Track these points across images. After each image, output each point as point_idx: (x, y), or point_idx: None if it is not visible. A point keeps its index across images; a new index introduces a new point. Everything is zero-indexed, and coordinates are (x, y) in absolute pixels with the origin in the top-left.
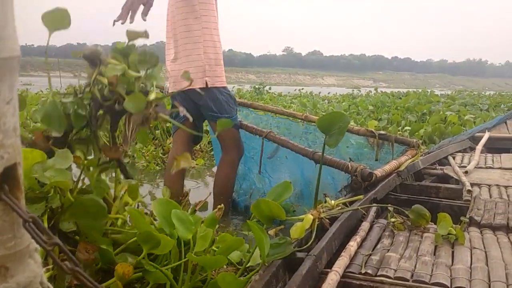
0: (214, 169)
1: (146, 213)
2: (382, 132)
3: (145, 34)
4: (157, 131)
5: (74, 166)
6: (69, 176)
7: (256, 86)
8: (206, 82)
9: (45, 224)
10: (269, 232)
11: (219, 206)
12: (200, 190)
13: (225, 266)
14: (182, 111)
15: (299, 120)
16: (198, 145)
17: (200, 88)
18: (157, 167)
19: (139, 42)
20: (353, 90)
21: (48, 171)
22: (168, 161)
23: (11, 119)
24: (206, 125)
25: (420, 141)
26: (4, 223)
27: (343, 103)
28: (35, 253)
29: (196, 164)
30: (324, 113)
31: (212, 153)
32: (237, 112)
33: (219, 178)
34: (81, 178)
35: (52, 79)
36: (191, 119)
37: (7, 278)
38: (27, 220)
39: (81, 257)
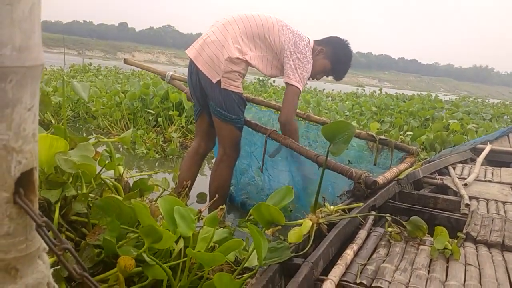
0: (214, 160)
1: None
2: (382, 137)
3: None
4: (159, 118)
5: None
6: (94, 163)
7: (260, 78)
8: (220, 81)
9: (57, 211)
10: (266, 232)
11: (221, 207)
12: (199, 181)
13: None
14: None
15: (301, 118)
16: None
17: (212, 81)
18: (157, 155)
19: (145, 25)
20: (357, 89)
21: (74, 157)
22: (191, 147)
23: (31, 125)
24: None
25: (420, 149)
26: (18, 226)
27: (347, 102)
28: (43, 254)
29: None
30: (327, 111)
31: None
32: (243, 115)
33: (215, 178)
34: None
35: (57, 56)
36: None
37: (16, 279)
38: (40, 224)
39: (91, 240)
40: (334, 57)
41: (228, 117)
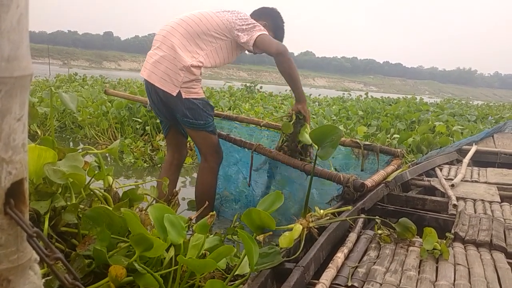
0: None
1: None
2: (367, 142)
3: None
4: (147, 127)
5: None
6: (84, 173)
7: (247, 85)
8: (180, 92)
9: (46, 223)
10: (257, 237)
11: (211, 213)
12: (188, 189)
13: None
14: (148, 104)
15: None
16: (188, 143)
17: (172, 95)
18: (145, 164)
19: (130, 34)
20: (343, 94)
21: (63, 167)
22: (165, 161)
23: (20, 136)
24: None
25: (407, 151)
26: (9, 237)
27: (334, 107)
28: (35, 265)
29: (185, 163)
30: (314, 116)
31: None
32: (213, 119)
33: (199, 186)
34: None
35: (41, 66)
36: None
37: None
38: (31, 235)
39: (81, 251)
40: (276, 28)
41: (198, 124)
